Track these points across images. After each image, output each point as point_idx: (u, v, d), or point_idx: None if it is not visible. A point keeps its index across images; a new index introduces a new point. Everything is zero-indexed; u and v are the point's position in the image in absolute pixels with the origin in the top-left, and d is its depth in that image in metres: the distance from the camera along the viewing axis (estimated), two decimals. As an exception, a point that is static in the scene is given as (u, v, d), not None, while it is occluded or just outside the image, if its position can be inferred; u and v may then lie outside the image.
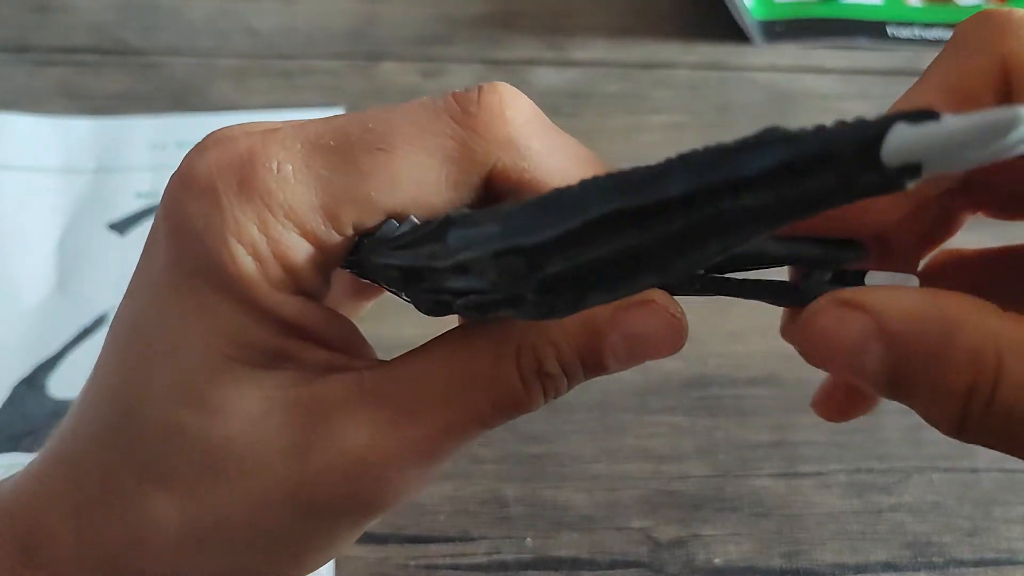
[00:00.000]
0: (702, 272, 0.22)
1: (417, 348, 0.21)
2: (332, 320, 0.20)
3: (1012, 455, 0.19)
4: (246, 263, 0.19)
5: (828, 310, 0.19)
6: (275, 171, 0.19)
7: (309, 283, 0.20)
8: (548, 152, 0.20)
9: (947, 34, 0.50)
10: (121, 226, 0.40)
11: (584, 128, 0.45)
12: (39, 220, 0.40)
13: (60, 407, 0.35)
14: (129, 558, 0.20)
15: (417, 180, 0.19)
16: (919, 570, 0.32)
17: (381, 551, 0.32)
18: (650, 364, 0.24)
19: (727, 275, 0.22)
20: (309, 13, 0.49)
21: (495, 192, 0.20)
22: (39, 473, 0.21)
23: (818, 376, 0.37)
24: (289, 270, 0.19)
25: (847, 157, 0.14)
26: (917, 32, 0.50)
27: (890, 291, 0.19)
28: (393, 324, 0.24)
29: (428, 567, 0.32)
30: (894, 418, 0.35)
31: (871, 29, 0.50)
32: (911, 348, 0.18)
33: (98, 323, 0.37)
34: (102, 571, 0.20)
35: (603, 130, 0.45)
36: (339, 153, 0.19)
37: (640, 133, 0.45)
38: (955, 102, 0.20)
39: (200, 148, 0.20)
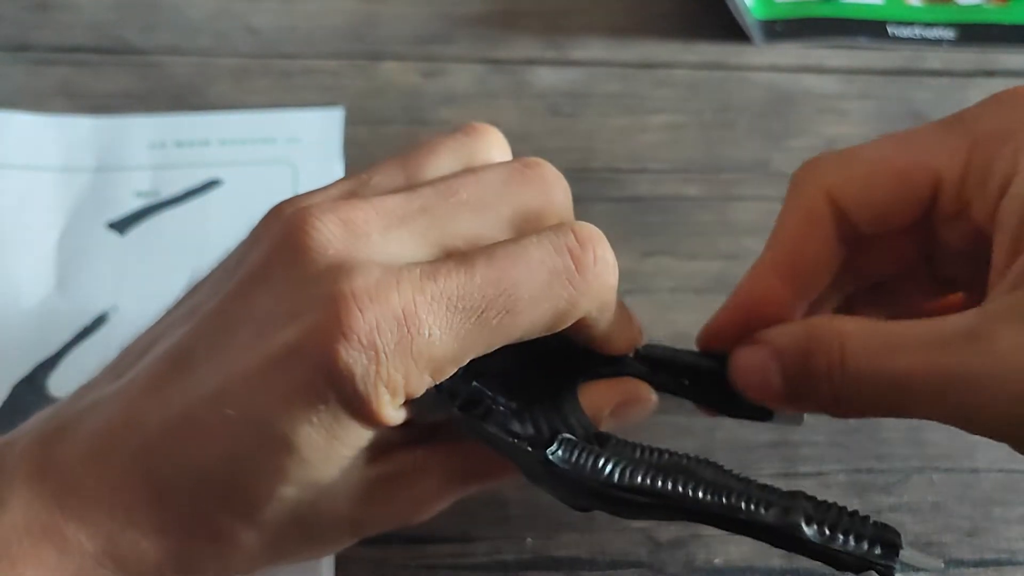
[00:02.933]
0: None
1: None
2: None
3: (876, 416, 0.26)
4: (388, 405, 0.23)
5: (741, 349, 0.27)
6: (427, 336, 0.23)
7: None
8: (612, 311, 0.26)
9: (947, 33, 0.50)
10: (121, 225, 0.40)
11: (584, 128, 0.45)
12: (39, 219, 0.40)
13: (60, 407, 0.35)
14: (216, 570, 0.26)
15: (528, 331, 0.24)
16: (919, 570, 0.32)
17: (381, 551, 0.32)
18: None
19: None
20: (309, 13, 0.49)
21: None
22: (128, 501, 0.24)
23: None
24: (411, 398, 0.24)
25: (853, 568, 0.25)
26: (918, 31, 0.50)
27: (780, 327, 0.27)
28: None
29: (428, 567, 0.32)
30: (894, 419, 0.35)
31: (871, 28, 0.50)
32: (793, 357, 0.26)
33: (98, 322, 0.38)
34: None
35: (603, 130, 0.45)
36: (475, 315, 0.23)
37: (640, 133, 0.45)
38: (801, 243, 0.28)
39: (351, 293, 0.22)
